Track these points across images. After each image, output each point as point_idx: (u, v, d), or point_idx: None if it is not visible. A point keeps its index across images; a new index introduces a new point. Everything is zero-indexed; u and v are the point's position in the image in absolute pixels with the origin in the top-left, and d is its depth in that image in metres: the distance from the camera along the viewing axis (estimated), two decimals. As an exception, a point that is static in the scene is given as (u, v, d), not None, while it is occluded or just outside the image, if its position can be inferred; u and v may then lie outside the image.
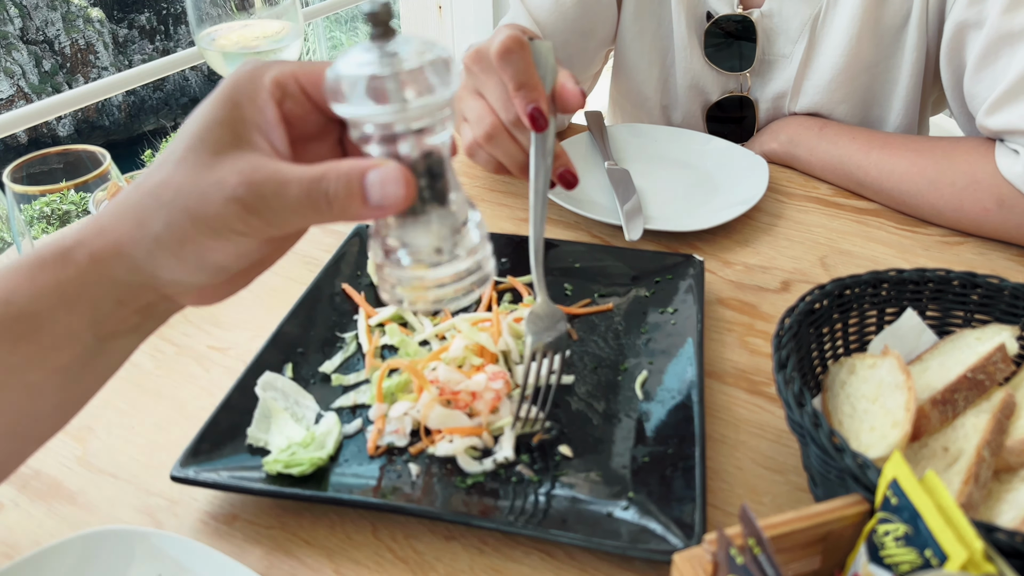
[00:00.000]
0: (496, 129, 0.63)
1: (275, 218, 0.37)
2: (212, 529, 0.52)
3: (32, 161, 0.68)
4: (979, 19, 0.78)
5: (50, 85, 16.60)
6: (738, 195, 0.85)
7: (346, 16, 12.14)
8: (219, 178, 0.37)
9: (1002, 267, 0.77)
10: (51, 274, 0.37)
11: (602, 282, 0.73)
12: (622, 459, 0.55)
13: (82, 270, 0.37)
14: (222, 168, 0.37)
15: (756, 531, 0.35)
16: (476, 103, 0.64)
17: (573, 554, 0.50)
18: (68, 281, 0.37)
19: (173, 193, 0.37)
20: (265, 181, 0.37)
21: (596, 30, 0.96)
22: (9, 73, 16.20)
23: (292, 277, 0.77)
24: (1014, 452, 0.48)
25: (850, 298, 0.57)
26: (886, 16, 0.87)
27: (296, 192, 0.37)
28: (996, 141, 0.79)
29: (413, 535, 0.52)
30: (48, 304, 0.37)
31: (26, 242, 0.67)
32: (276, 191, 0.37)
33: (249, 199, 0.36)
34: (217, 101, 0.39)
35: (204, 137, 0.38)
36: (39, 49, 16.69)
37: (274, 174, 0.37)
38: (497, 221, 0.85)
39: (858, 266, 0.77)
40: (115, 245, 0.38)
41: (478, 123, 0.64)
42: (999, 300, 0.56)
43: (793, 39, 0.91)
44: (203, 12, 0.82)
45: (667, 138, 0.97)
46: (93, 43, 17.15)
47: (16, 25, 16.44)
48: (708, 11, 0.94)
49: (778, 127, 0.95)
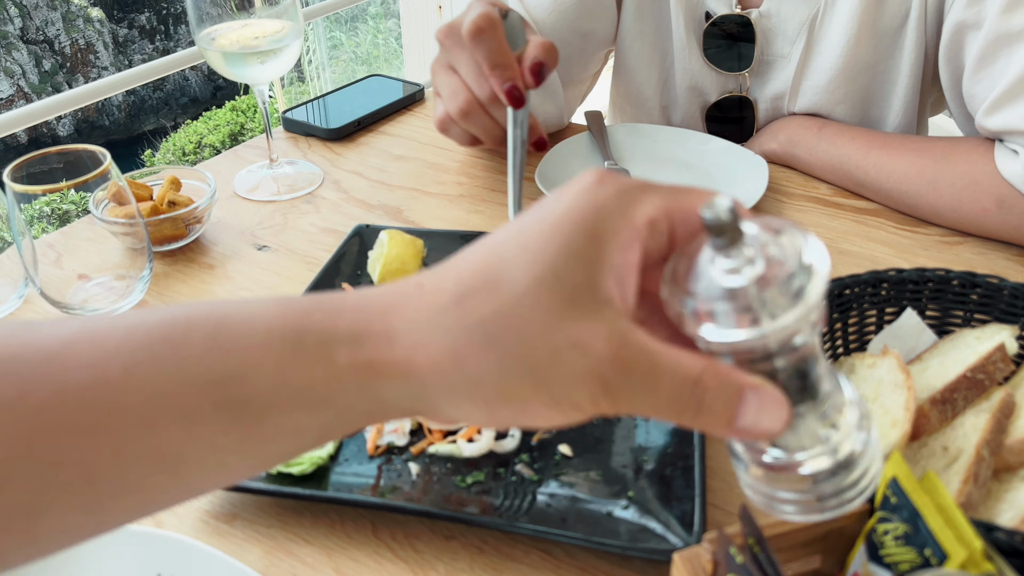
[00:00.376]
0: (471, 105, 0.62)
1: (627, 406, 0.30)
2: (212, 528, 0.52)
3: (32, 160, 0.68)
4: (978, 19, 0.78)
5: (50, 85, 16.60)
6: (738, 195, 0.84)
7: (346, 16, 12.14)
8: (578, 340, 0.29)
9: (1001, 267, 0.77)
10: (304, 369, 0.30)
11: (602, 282, 0.73)
12: (622, 458, 0.55)
13: (342, 375, 0.30)
14: (580, 326, 0.29)
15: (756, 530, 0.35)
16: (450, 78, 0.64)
17: (573, 553, 0.50)
18: (322, 384, 0.30)
19: (515, 338, 0.29)
20: (636, 363, 0.29)
21: (596, 31, 0.96)
22: (9, 73, 16.20)
23: (292, 277, 0.77)
24: (1013, 452, 0.48)
25: (850, 298, 0.57)
26: (884, 16, 0.87)
27: (668, 389, 0.29)
28: (995, 141, 0.79)
29: (413, 534, 0.52)
30: (288, 402, 0.30)
31: (26, 242, 0.67)
32: (646, 379, 0.29)
33: (613, 380, 0.29)
34: (578, 227, 0.30)
35: (559, 272, 0.29)
36: (39, 49, 16.69)
37: (647, 356, 0.29)
38: (497, 221, 0.85)
39: (858, 266, 0.77)
40: (406, 368, 0.30)
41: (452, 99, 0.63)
42: (998, 300, 0.56)
43: (791, 39, 0.91)
44: (203, 12, 0.82)
45: (667, 138, 0.97)
46: (93, 43, 17.15)
47: (16, 25, 16.44)
48: (707, 11, 0.94)
49: (777, 127, 0.95)
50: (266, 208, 0.89)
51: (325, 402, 0.30)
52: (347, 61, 12.24)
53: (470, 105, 0.62)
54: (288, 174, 0.94)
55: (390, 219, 0.86)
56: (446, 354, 0.29)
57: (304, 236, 0.84)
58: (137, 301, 0.73)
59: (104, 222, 0.73)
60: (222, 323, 0.30)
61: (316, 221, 0.86)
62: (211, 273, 0.78)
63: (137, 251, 0.73)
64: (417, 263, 0.71)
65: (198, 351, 0.30)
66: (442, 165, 0.96)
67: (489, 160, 0.97)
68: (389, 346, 0.30)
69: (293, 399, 0.30)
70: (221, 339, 0.30)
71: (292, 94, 9.22)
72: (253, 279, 0.77)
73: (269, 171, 0.94)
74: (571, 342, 0.29)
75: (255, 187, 0.92)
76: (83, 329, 0.30)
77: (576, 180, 0.32)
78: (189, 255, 0.81)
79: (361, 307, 0.31)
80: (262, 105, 0.89)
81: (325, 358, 0.30)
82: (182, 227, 0.80)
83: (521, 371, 0.29)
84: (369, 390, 0.30)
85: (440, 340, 0.30)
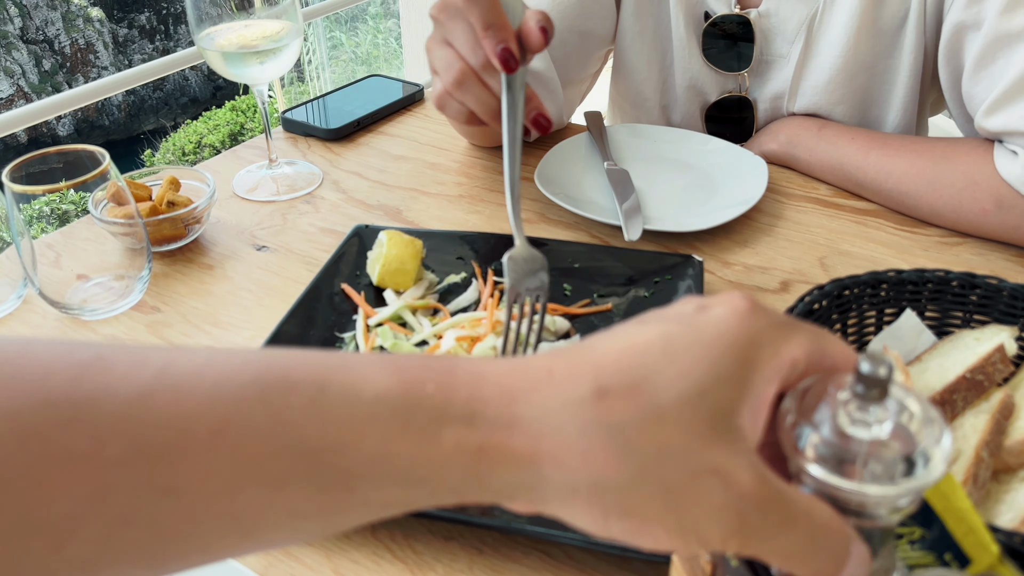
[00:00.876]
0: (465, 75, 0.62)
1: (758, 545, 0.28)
2: (211, 529, 0.52)
3: (31, 160, 0.68)
4: (977, 20, 0.78)
5: (50, 85, 16.60)
6: (737, 195, 0.85)
7: (346, 16, 12.14)
8: (720, 468, 0.27)
9: (1001, 268, 0.77)
10: (410, 447, 0.28)
11: (601, 282, 0.73)
12: (621, 459, 0.55)
13: (448, 456, 0.28)
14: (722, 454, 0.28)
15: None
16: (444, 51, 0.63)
17: (572, 554, 0.50)
18: (425, 463, 0.28)
19: (654, 452, 0.27)
20: (775, 501, 0.28)
21: (595, 30, 0.96)
22: (9, 73, 16.20)
23: (291, 277, 0.77)
24: (1012, 453, 0.48)
25: (849, 299, 0.57)
26: (884, 17, 0.87)
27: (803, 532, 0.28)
28: (995, 142, 0.79)
29: (412, 535, 0.52)
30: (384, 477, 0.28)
31: (25, 242, 0.67)
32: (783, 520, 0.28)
33: (752, 517, 0.27)
34: (730, 351, 0.29)
35: (706, 391, 0.28)
36: (39, 49, 16.69)
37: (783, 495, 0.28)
38: (497, 222, 0.85)
39: (857, 267, 0.77)
40: (525, 457, 0.28)
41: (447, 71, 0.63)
42: (998, 301, 0.56)
43: (790, 39, 0.91)
44: (203, 12, 0.82)
45: (666, 138, 0.97)
46: (93, 43, 17.15)
47: (16, 24, 16.44)
48: (706, 11, 0.94)
49: (777, 127, 0.95)
50: (265, 208, 0.89)
51: (423, 480, 0.28)
52: (347, 61, 12.24)
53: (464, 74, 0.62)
54: (287, 174, 0.94)
55: (389, 219, 0.86)
56: (576, 451, 0.27)
57: (303, 236, 0.84)
58: (136, 301, 0.73)
59: (103, 222, 0.72)
60: (325, 385, 0.28)
61: (315, 221, 0.86)
62: (210, 273, 0.78)
63: (136, 251, 0.73)
64: (416, 263, 0.71)
65: (297, 417, 0.27)
66: (441, 165, 0.96)
67: (489, 160, 0.97)
68: (507, 431, 0.28)
69: (390, 475, 0.28)
70: (323, 405, 0.28)
71: (292, 94, 9.22)
72: (252, 279, 0.77)
73: (268, 171, 0.94)
74: (712, 469, 0.27)
75: (254, 187, 0.92)
76: (164, 375, 0.28)
77: (725, 301, 0.31)
78: (188, 255, 0.81)
79: (478, 382, 0.29)
80: (261, 105, 0.89)
81: (434, 438, 0.28)
82: (181, 227, 0.80)
83: (654, 488, 0.27)
84: (474, 473, 0.28)
85: (571, 435, 0.28)
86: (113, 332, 0.70)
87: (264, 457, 0.27)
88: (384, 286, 0.71)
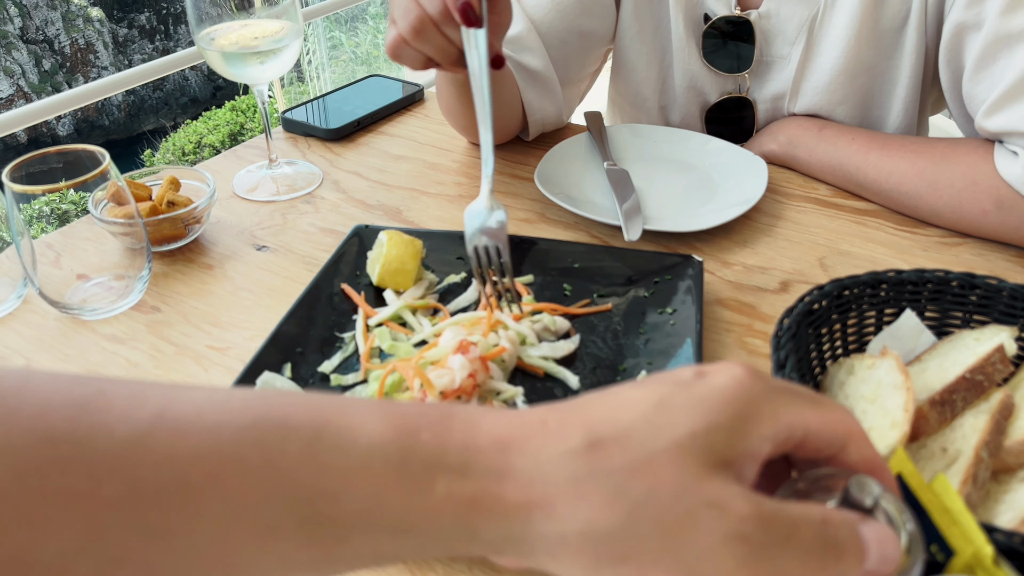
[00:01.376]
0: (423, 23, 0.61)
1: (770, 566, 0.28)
2: (211, 529, 0.52)
3: (31, 160, 0.68)
4: (978, 20, 0.78)
5: (50, 85, 16.60)
6: (737, 196, 0.85)
7: (346, 16, 12.13)
8: (715, 499, 0.28)
9: (1001, 268, 0.77)
10: (402, 496, 0.28)
11: (601, 282, 0.73)
12: (621, 459, 0.55)
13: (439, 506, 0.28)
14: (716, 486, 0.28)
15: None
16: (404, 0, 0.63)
17: (571, 554, 0.50)
18: (416, 513, 0.28)
19: (645, 493, 0.28)
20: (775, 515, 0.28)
21: (594, 30, 0.96)
22: (9, 73, 16.20)
23: (291, 277, 0.77)
24: (1012, 453, 0.48)
25: (849, 299, 0.57)
26: (884, 17, 0.87)
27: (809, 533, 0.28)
28: (995, 142, 0.79)
29: (412, 535, 0.52)
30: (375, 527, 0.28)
31: (25, 242, 0.67)
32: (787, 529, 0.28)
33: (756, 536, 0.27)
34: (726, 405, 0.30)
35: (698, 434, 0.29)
36: (39, 48, 16.69)
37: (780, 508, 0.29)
38: (496, 221, 0.85)
39: (857, 267, 0.77)
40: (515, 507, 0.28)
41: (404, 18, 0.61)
42: (998, 301, 0.56)
43: (791, 40, 0.91)
44: (203, 12, 0.82)
45: (666, 138, 0.97)
46: (93, 43, 17.15)
47: (16, 24, 16.44)
48: (706, 12, 0.94)
49: (777, 128, 0.95)
50: (265, 208, 0.89)
51: (413, 530, 0.28)
52: (347, 61, 12.24)
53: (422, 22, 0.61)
54: (287, 174, 0.94)
55: (389, 219, 0.86)
56: (565, 498, 0.28)
57: (303, 236, 0.84)
58: (136, 301, 0.73)
59: (103, 222, 0.72)
60: (321, 431, 0.28)
61: (315, 221, 0.86)
62: (210, 273, 0.78)
63: (136, 251, 0.73)
64: (416, 263, 0.71)
65: (292, 463, 0.28)
66: (441, 165, 0.96)
67: (488, 160, 0.97)
68: (500, 481, 0.28)
69: (381, 523, 0.28)
70: (318, 451, 0.28)
71: (292, 94, 9.22)
72: (252, 279, 0.77)
73: (268, 171, 0.94)
74: (708, 502, 0.27)
75: (254, 187, 0.92)
76: (162, 416, 0.28)
77: (725, 368, 0.31)
78: (188, 255, 0.81)
79: (472, 431, 0.29)
80: (261, 105, 0.89)
81: (427, 487, 0.28)
82: (181, 227, 0.80)
83: (649, 530, 0.27)
84: (464, 524, 0.28)
85: (561, 483, 0.28)
86: (113, 331, 0.70)
87: (258, 503, 0.27)
88: (384, 286, 0.71)
